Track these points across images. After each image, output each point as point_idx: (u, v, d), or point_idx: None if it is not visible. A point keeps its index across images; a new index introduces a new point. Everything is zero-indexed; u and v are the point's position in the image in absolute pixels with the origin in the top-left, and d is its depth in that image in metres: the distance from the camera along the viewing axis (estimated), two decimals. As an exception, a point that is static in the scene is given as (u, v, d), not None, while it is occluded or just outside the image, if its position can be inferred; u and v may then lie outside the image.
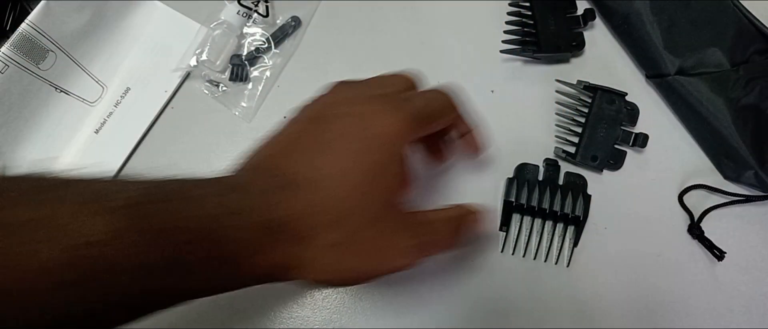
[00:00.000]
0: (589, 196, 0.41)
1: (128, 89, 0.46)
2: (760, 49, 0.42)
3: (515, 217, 0.43)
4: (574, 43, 0.45)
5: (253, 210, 0.24)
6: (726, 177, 0.44)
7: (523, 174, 0.42)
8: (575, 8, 0.46)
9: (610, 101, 0.44)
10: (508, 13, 0.47)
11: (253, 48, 0.48)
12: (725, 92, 0.42)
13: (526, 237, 0.42)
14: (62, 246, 0.19)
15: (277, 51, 0.48)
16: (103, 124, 0.46)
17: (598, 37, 0.47)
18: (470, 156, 0.41)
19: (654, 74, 0.44)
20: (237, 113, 0.46)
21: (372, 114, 0.27)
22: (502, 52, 0.45)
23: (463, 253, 0.42)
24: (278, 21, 0.49)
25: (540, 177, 0.43)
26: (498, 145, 0.43)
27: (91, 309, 0.21)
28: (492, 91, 0.46)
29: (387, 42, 0.48)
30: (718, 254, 0.41)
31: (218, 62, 0.47)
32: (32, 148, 0.44)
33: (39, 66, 0.43)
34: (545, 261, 0.42)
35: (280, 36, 0.48)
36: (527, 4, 0.46)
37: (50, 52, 0.43)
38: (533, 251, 0.42)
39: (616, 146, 0.44)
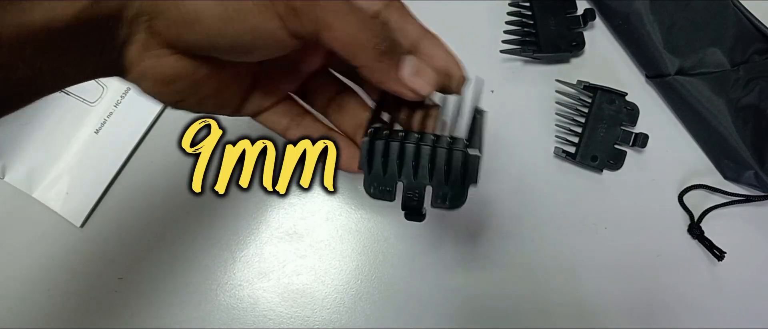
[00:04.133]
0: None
1: (128, 89, 0.46)
2: (760, 49, 0.42)
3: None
4: (574, 43, 0.45)
5: None
6: (726, 177, 0.44)
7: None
8: (575, 8, 0.46)
9: (610, 101, 0.44)
10: (508, 13, 0.47)
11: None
12: (725, 92, 0.42)
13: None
14: None
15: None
16: (103, 124, 0.46)
17: (598, 37, 0.47)
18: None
19: (654, 74, 0.44)
20: (237, 113, 0.46)
21: None
22: (502, 52, 0.45)
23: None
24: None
25: None
26: (498, 145, 0.44)
27: None
28: (492, 91, 0.46)
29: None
30: (718, 254, 0.41)
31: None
32: (32, 147, 0.44)
33: (39, 66, 0.43)
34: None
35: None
36: (527, 4, 0.46)
37: (50, 52, 0.43)
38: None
39: (616, 146, 0.44)
